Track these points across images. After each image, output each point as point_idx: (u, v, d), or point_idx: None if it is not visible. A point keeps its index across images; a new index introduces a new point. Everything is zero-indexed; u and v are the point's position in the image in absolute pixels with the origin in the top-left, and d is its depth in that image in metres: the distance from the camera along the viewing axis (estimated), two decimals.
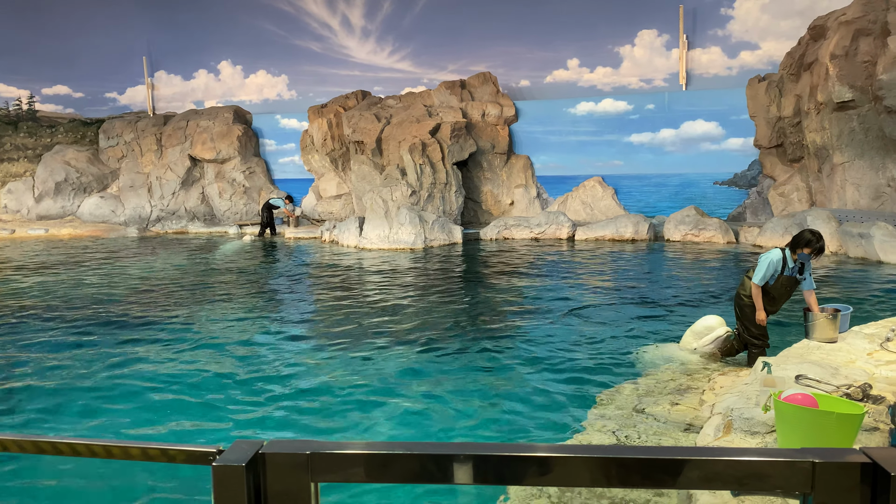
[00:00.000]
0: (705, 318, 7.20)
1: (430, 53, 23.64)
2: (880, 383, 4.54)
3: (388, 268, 13.96)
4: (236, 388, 6.48)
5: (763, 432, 4.03)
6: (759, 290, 6.25)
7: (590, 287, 11.45)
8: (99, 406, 6.12)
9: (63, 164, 25.14)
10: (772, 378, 4.24)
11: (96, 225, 23.58)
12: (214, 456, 1.15)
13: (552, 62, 21.99)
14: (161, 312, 9.94)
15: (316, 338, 8.41)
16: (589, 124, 20.89)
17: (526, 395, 6.15)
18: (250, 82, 26.10)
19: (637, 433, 4.97)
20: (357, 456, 1.15)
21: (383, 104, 22.36)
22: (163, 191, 24.43)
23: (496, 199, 21.32)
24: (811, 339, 5.71)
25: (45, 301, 11.05)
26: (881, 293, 10.27)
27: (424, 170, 19.24)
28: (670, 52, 20.49)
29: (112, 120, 26.51)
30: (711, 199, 19.49)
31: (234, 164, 24.10)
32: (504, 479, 1.17)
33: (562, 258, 14.99)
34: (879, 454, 1.05)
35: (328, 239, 18.74)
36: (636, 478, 1.13)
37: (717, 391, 5.66)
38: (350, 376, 6.77)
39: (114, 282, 12.92)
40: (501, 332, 8.53)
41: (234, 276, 13.49)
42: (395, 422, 5.59)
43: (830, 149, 16.05)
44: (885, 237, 13.01)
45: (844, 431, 3.42)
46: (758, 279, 6.20)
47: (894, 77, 14.30)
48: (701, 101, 19.61)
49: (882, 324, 6.20)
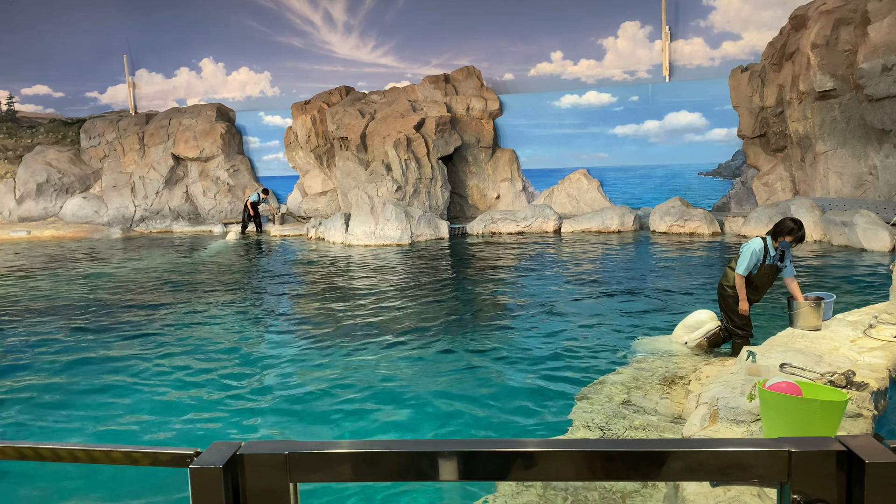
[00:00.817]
0: (697, 312, 7.22)
1: (413, 48, 23.58)
2: (863, 370, 4.58)
3: (374, 264, 13.94)
4: (219, 388, 6.44)
5: (748, 421, 4.06)
6: (742, 280, 6.29)
7: (577, 280, 11.48)
8: (80, 406, 6.07)
9: (44, 164, 24.88)
10: (756, 367, 4.26)
11: (79, 226, 23.38)
12: (192, 458, 1.14)
13: (536, 55, 21.99)
14: (144, 312, 9.87)
15: (302, 336, 8.38)
16: (573, 117, 20.93)
17: (513, 387, 6.16)
18: (233, 79, 25.93)
19: (624, 425, 5.00)
20: (336, 455, 1.14)
21: (367, 100, 22.29)
22: (146, 190, 24.24)
23: (482, 194, 21.32)
24: (795, 327, 5.75)
25: (25, 304, 10.95)
26: (864, 281, 10.37)
27: (410, 165, 19.21)
28: (653, 44, 20.55)
29: (93, 119, 26.25)
30: (696, 189, 19.59)
31: (217, 162, 23.96)
32: (485, 476, 1.17)
33: (548, 251, 15.02)
34: (854, 442, 1.05)
35: (314, 236, 18.68)
36: (618, 471, 1.13)
37: (703, 381, 5.70)
38: (336, 374, 6.75)
39: (97, 283, 12.81)
40: (489, 325, 8.54)
41: (219, 275, 13.41)
42: (380, 419, 5.58)
43: (813, 138, 16.17)
44: (868, 225, 13.13)
45: (828, 418, 3.45)
46: (741, 269, 6.24)
47: (875, 66, 14.41)
48: (684, 92, 19.69)
49: (865, 311, 6.25)
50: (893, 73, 14.17)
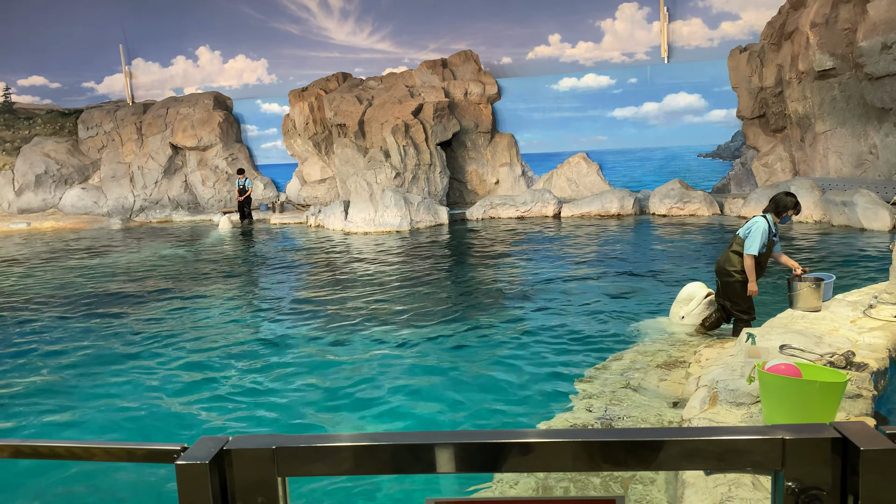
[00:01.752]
0: (687, 286, 7.28)
1: (410, 33, 23.42)
2: (863, 350, 4.57)
3: (374, 251, 13.92)
4: (211, 382, 6.39)
5: (748, 403, 4.05)
6: (753, 261, 6.24)
7: (577, 264, 11.46)
8: (71, 399, 6.07)
9: (42, 156, 24.82)
10: (756, 349, 4.26)
11: (79, 217, 23.36)
12: (178, 453, 1.12)
13: (533, 38, 21.84)
14: (138, 304, 9.87)
15: (299, 325, 8.37)
16: (572, 100, 20.82)
17: (513, 371, 6.16)
18: (229, 67, 25.79)
19: (624, 408, 5.00)
20: (325, 449, 1.12)
21: (364, 86, 22.17)
22: (145, 180, 24.20)
23: (481, 179, 21.26)
24: (795, 308, 5.74)
25: (27, 294, 10.95)
26: (864, 260, 10.34)
27: (408, 151, 19.14)
28: (651, 25, 20.40)
29: (90, 110, 26.15)
30: (696, 171, 19.53)
31: (216, 150, 23.88)
32: (480, 468, 1.15)
33: (548, 236, 15.00)
34: (849, 429, 1.04)
35: (314, 223, 18.65)
36: (613, 460, 1.12)
37: (702, 363, 5.69)
38: (336, 363, 6.75)
39: (98, 273, 12.80)
40: (490, 310, 8.54)
41: (218, 264, 13.40)
42: (377, 408, 5.58)
43: (812, 118, 16.08)
44: (868, 204, 13.09)
45: (828, 400, 3.44)
46: (754, 250, 6.16)
47: (874, 44, 14.30)
48: (683, 73, 19.57)
49: (865, 291, 6.24)
50: (893, 50, 14.07)
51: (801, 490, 1.03)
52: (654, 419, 4.83)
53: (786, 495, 1.04)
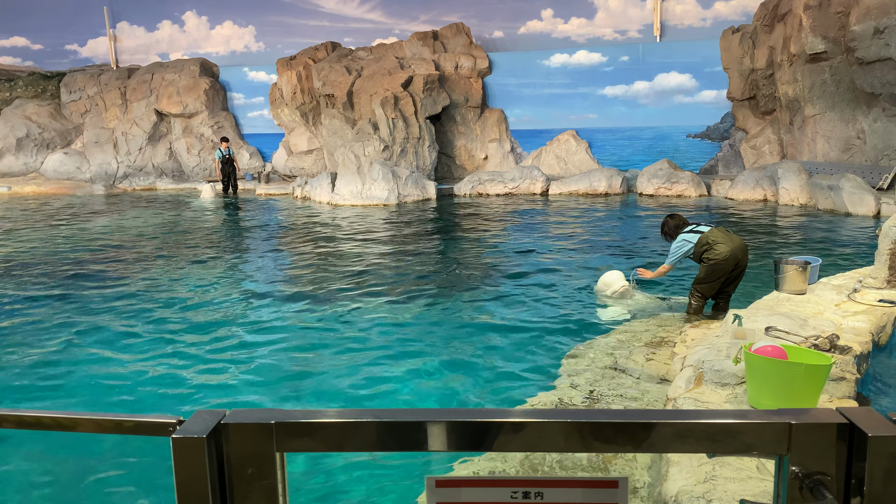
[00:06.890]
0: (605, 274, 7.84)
1: (401, 3, 23.11)
2: (847, 334, 4.62)
3: (361, 224, 13.86)
4: (204, 355, 6.38)
5: (733, 384, 4.09)
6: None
7: (563, 241, 11.48)
8: (59, 373, 6.02)
9: (24, 119, 24.37)
10: (742, 330, 4.28)
11: (61, 182, 23.04)
12: (174, 427, 1.10)
13: (526, 12, 21.63)
14: (127, 273, 9.78)
15: (288, 299, 8.33)
16: (563, 76, 20.70)
17: (499, 348, 6.18)
18: (216, 34, 25.36)
19: (610, 385, 5.03)
20: (324, 424, 1.11)
21: (354, 56, 21.90)
22: (129, 146, 23.86)
23: (470, 154, 21.16)
24: (781, 290, 5.78)
25: (4, 262, 10.82)
26: (849, 245, 10.44)
27: (397, 124, 18.98)
28: (645, 3, 20.26)
29: (73, 73, 25.65)
30: (684, 152, 19.54)
31: (201, 118, 23.57)
32: (475, 446, 1.14)
33: (536, 213, 14.99)
34: (856, 414, 1.03)
35: (300, 195, 18.51)
36: (613, 441, 1.11)
37: (688, 343, 5.73)
38: (323, 338, 6.73)
39: (80, 241, 12.66)
40: (475, 288, 8.54)
41: (202, 234, 13.29)
42: (371, 385, 5.57)
43: (802, 101, 16.11)
44: (854, 189, 13.17)
45: (813, 382, 3.48)
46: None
47: (867, 28, 14.30)
48: (675, 52, 19.50)
49: (849, 275, 6.29)
50: (885, 35, 14.07)
51: (805, 475, 1.03)
52: (638, 395, 4.86)
53: (790, 479, 1.03)
